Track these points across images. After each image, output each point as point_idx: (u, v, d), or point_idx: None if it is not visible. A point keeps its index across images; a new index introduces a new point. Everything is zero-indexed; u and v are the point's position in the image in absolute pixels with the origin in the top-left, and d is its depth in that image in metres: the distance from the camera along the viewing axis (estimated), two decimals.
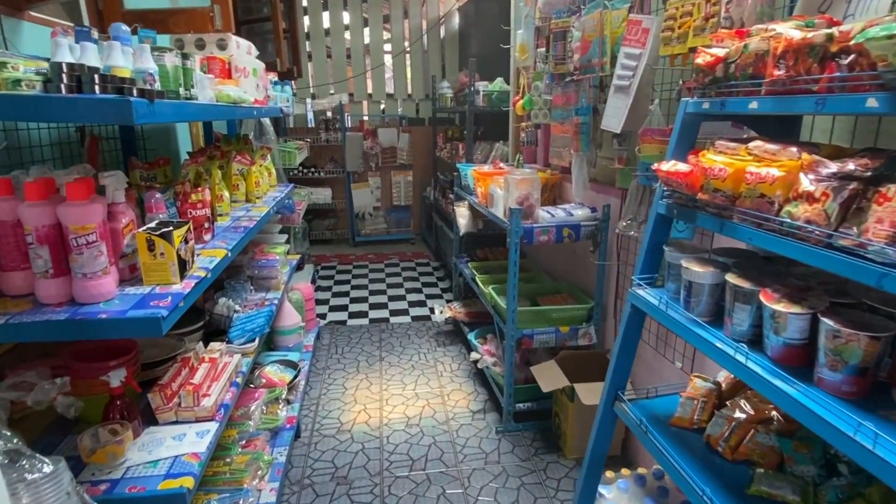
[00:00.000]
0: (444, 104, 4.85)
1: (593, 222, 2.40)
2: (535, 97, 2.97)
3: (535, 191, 2.40)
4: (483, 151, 3.99)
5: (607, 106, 2.05)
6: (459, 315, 3.60)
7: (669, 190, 1.32)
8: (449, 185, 4.99)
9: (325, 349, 3.57)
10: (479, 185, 3.02)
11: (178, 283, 1.40)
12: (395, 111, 6.64)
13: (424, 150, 6.51)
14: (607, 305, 2.54)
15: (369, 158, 6.24)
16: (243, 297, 2.56)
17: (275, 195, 2.88)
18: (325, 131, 6.05)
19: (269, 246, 3.15)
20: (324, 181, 6.26)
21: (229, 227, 2.06)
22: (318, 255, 5.90)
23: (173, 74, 1.45)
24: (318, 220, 6.35)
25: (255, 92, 2.42)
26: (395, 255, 5.96)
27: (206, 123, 3.22)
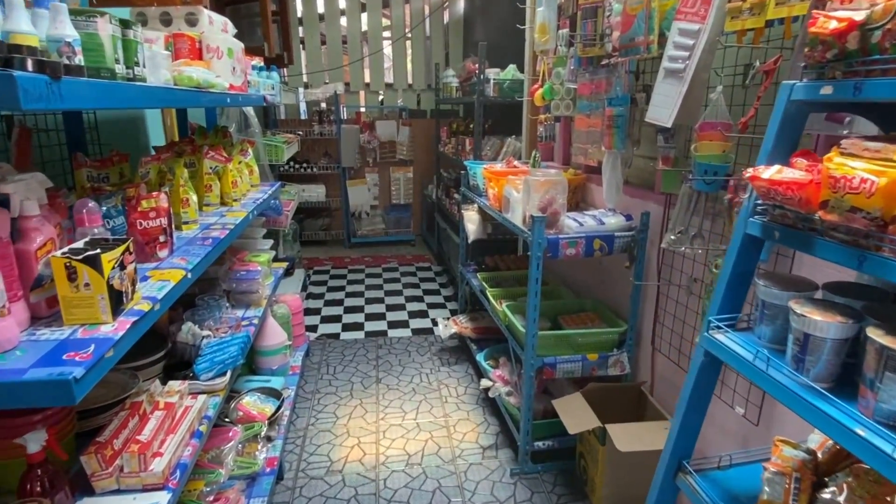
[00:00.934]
0: (449, 94, 4.53)
1: (629, 233, 2.09)
2: (555, 85, 2.66)
3: (560, 195, 2.09)
4: (493, 147, 3.67)
5: (654, 94, 1.73)
6: (465, 330, 3.29)
7: (769, 204, 1.00)
8: (453, 183, 4.67)
9: (315, 369, 3.26)
10: (491, 185, 2.70)
11: (110, 323, 1.09)
12: (394, 102, 6.32)
13: (426, 145, 6.19)
14: (643, 329, 2.23)
15: (366, 153, 5.92)
16: (217, 315, 2.25)
17: (256, 196, 2.56)
18: (318, 123, 5.73)
19: (251, 254, 2.84)
20: (317, 177, 5.94)
21: (195, 239, 1.74)
22: (311, 258, 5.58)
23: (110, 47, 1.13)
24: (310, 219, 6.04)
25: (231, 76, 2.10)
26: (394, 259, 5.64)
27: (180, 113, 2.89)
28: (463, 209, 3.14)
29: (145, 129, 2.85)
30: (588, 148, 2.51)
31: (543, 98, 2.69)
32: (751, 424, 1.60)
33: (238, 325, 2.20)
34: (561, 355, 2.20)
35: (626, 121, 2.05)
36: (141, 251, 1.47)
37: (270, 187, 2.91)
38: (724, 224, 1.62)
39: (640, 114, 2.12)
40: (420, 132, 6.13)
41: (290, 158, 5.54)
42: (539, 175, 2.12)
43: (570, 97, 2.62)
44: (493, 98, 3.47)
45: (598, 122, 2.33)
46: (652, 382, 2.19)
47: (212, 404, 1.70)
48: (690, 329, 1.90)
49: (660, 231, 2.04)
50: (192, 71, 1.56)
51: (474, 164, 3.08)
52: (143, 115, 2.82)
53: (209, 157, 2.21)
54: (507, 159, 3.03)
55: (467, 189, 3.22)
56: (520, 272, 3.13)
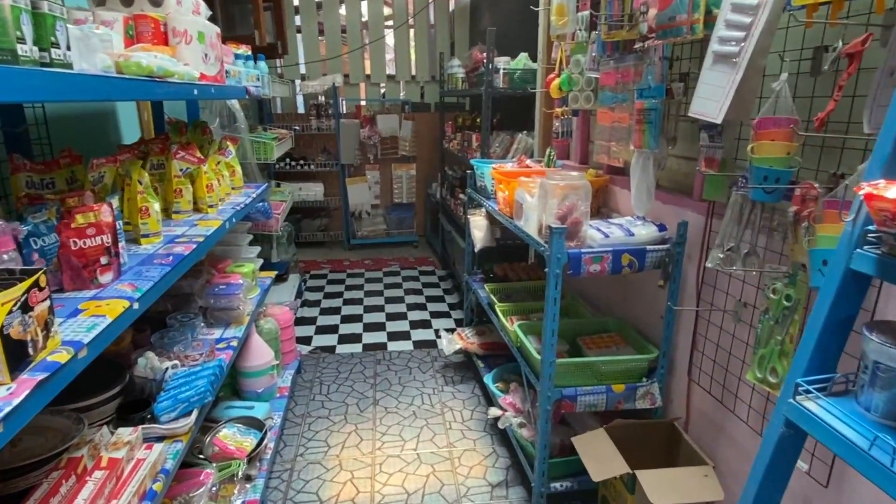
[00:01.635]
0: (455, 86, 4.26)
1: (663, 246, 1.83)
2: (574, 75, 2.39)
3: (582, 201, 1.83)
4: (502, 144, 3.41)
5: (700, 83, 1.46)
6: (471, 346, 3.04)
7: (887, 232, 0.74)
8: (459, 182, 4.41)
9: (307, 387, 3.02)
10: (500, 188, 2.44)
11: (7, 384, 0.85)
12: (396, 95, 6.06)
13: (430, 141, 5.93)
14: (677, 356, 1.97)
15: (367, 149, 5.67)
16: (190, 338, 2.01)
17: (237, 201, 2.32)
18: (316, 118, 5.49)
19: (234, 264, 2.60)
20: (314, 175, 5.70)
21: (154, 256, 1.50)
22: (307, 261, 5.34)
23: (10, 21, 0.89)
24: (307, 219, 5.80)
25: (202, 64, 1.85)
26: (396, 261, 5.40)
27: (156, 106, 2.65)
28: (469, 214, 2.89)
29: (116, 126, 2.61)
30: (612, 146, 2.24)
31: (560, 89, 2.42)
32: (818, 485, 1.34)
33: (212, 350, 1.95)
34: (582, 386, 1.94)
35: (660, 115, 1.78)
36: (76, 277, 1.22)
37: (256, 189, 2.67)
38: (787, 241, 1.36)
39: (677, 107, 1.86)
40: (424, 127, 5.87)
41: (286, 155, 5.31)
42: (557, 178, 1.86)
43: (590, 88, 2.36)
44: (502, 90, 3.21)
45: (624, 117, 2.07)
46: (687, 418, 1.93)
47: (171, 453, 1.46)
48: (738, 362, 1.64)
49: (700, 245, 1.78)
50: (142, 57, 1.31)
51: (482, 164, 2.82)
52: (112, 109, 2.58)
53: (179, 157, 1.96)
54: (518, 158, 2.77)
55: (474, 191, 2.97)
56: (531, 283, 2.88)
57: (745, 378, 1.61)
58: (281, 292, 3.98)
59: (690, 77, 1.85)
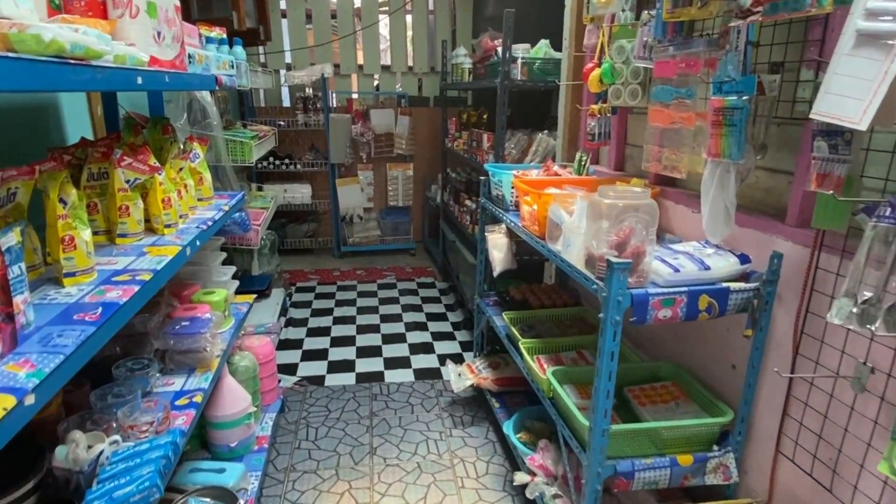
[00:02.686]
0: (460, 78, 3.88)
1: (750, 286, 1.46)
2: (617, 64, 2.02)
3: (646, 225, 1.46)
4: (518, 145, 3.04)
5: (832, 75, 1.10)
6: (485, 382, 2.68)
7: None
8: (464, 187, 4.04)
9: (292, 432, 2.64)
10: (527, 201, 2.07)
11: None
12: (391, 88, 5.67)
13: (429, 138, 5.55)
14: (759, 421, 1.61)
15: (359, 147, 5.28)
16: (139, 398, 1.62)
17: (205, 217, 1.92)
18: (303, 112, 5.08)
19: (202, 291, 2.21)
20: (301, 176, 5.30)
21: (74, 308, 1.11)
22: (293, 271, 4.95)
23: None
24: (293, 224, 5.40)
25: (153, 45, 1.46)
26: (391, 272, 5.01)
27: (107, 99, 2.25)
28: (487, 232, 2.51)
29: (60, 123, 2.21)
30: (664, 152, 1.87)
31: (601, 82, 2.05)
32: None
33: (167, 415, 1.56)
34: (640, 457, 1.58)
35: (748, 116, 1.42)
36: None
37: (230, 199, 2.27)
38: None
39: (770, 106, 1.49)
40: (422, 123, 5.49)
41: (269, 154, 4.91)
42: (612, 194, 1.49)
43: (637, 80, 1.99)
44: (520, 82, 2.83)
45: (688, 117, 1.70)
46: (770, 499, 1.57)
47: None
48: (860, 444, 1.28)
49: (803, 286, 1.41)
50: (48, 30, 0.92)
51: (500, 170, 2.44)
52: (55, 102, 2.17)
53: (125, 165, 1.57)
54: (546, 163, 2.39)
55: (489, 201, 2.59)
56: (557, 311, 2.51)
57: (872, 467, 1.25)
58: (262, 311, 3.59)
59: (784, 67, 1.49)
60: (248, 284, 3.84)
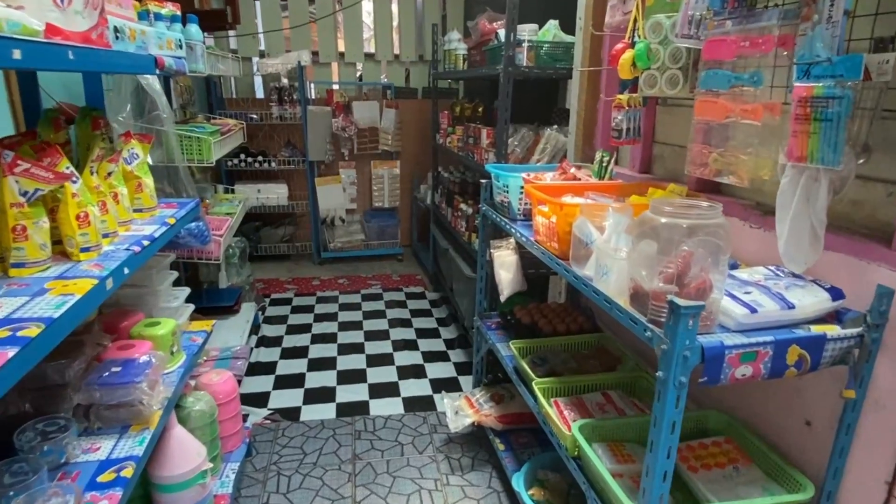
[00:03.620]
0: (453, 65, 3.53)
1: (852, 332, 1.14)
2: (654, 44, 1.69)
3: (715, 253, 1.13)
4: (523, 142, 2.70)
5: None
6: (487, 419, 2.34)
7: None
8: (458, 188, 3.69)
9: (259, 483, 2.29)
10: (542, 212, 1.74)
11: None
12: (376, 78, 5.30)
13: (418, 133, 5.21)
14: (852, 500, 1.29)
15: (340, 143, 4.91)
16: (45, 469, 1.26)
17: (141, 236, 1.55)
18: (277, 104, 4.71)
19: (145, 322, 1.84)
20: (277, 174, 4.93)
21: None
22: (268, 281, 4.57)
23: None
24: (268, 228, 5.02)
25: (53, 9, 1.10)
26: (377, 280, 4.66)
27: (25, 83, 1.86)
28: (492, 248, 2.16)
29: None
30: (715, 153, 1.55)
31: (634, 66, 1.72)
32: None
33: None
34: None
35: (849, 109, 1.09)
36: None
37: (181, 208, 1.90)
38: None
39: (877, 96, 1.17)
40: (410, 116, 5.14)
41: (241, 150, 4.54)
42: (668, 209, 1.16)
43: (677, 65, 1.66)
44: (526, 69, 2.49)
45: (753, 109, 1.37)
46: None
47: None
48: None
49: None
50: None
51: (505, 172, 2.10)
52: None
53: (20, 172, 1.21)
54: (561, 165, 2.06)
55: (492, 209, 2.25)
56: (573, 339, 2.18)
57: None
58: (229, 331, 3.22)
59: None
60: (214, 299, 3.48)
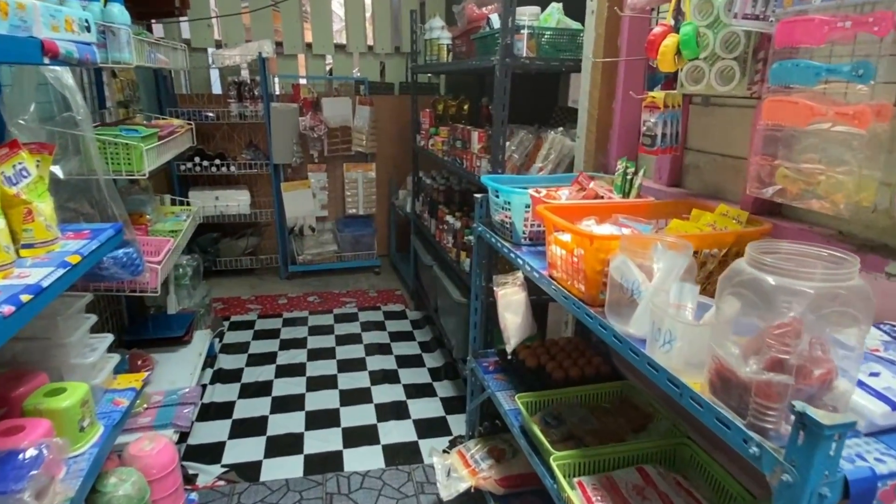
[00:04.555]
0: (437, 57, 3.16)
1: None
2: (703, 28, 1.35)
3: (846, 321, 0.79)
4: (521, 146, 2.34)
5: None
6: (485, 482, 1.99)
7: None
8: (443, 197, 3.33)
9: None
10: (561, 242, 1.38)
11: None
12: (348, 72, 4.90)
13: (395, 133, 4.83)
14: None
15: (309, 144, 4.51)
16: None
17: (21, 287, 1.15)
18: (237, 101, 4.28)
19: (45, 390, 1.44)
20: (238, 179, 4.50)
21: None
22: (228, 301, 4.15)
23: None
24: (229, 239, 4.58)
25: None
26: (352, 297, 4.27)
27: None
28: (497, 285, 1.79)
29: None
30: (781, 167, 1.21)
31: (679, 55, 1.37)
32: None
33: None
34: None
35: None
36: None
37: (93, 239, 1.50)
38: None
39: None
40: (386, 114, 4.76)
41: (196, 153, 4.12)
42: (780, 266, 0.81)
43: (732, 54, 1.32)
44: (527, 61, 2.13)
45: (857, 112, 1.04)
46: None
47: None
48: None
49: None
50: None
51: (506, 186, 1.74)
52: None
53: None
54: (577, 179, 1.70)
55: (488, 229, 1.89)
56: (592, 389, 1.83)
57: None
58: (177, 367, 2.80)
59: None
60: (160, 329, 3.05)
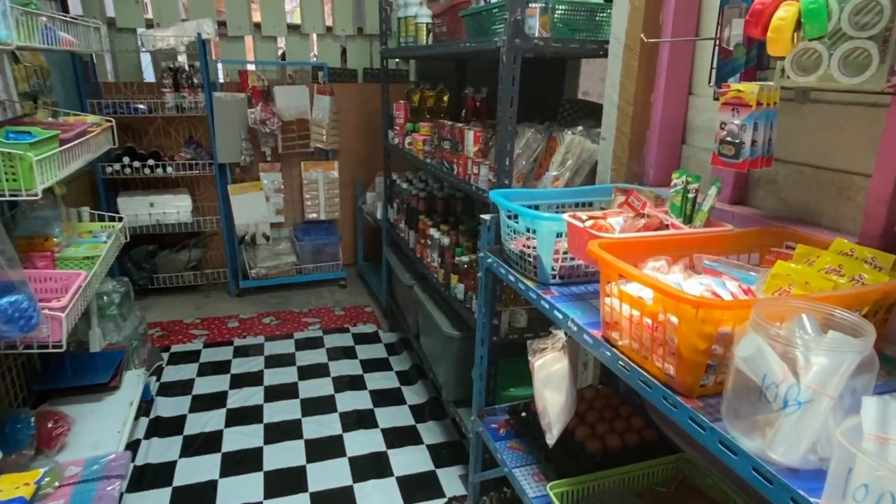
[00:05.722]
0: (414, 39, 2.72)
1: None
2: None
3: None
4: (528, 149, 1.93)
5: None
6: None
7: None
8: (426, 205, 2.90)
9: None
10: (629, 297, 0.99)
11: None
12: (304, 56, 4.40)
13: (360, 126, 4.39)
14: None
15: (260, 139, 4.01)
16: None
17: None
18: (173, 90, 3.74)
19: None
20: (177, 182, 3.97)
21: None
22: (168, 326, 3.63)
23: None
24: (168, 252, 4.04)
25: None
26: (315, 317, 3.82)
27: None
28: (532, 354, 1.38)
29: None
30: None
31: (798, 33, 0.99)
32: None
33: None
34: None
35: None
36: None
37: None
38: None
39: None
40: (349, 105, 4.31)
41: (125, 152, 3.60)
42: None
43: (867, 32, 0.96)
44: (541, 42, 1.72)
45: None
46: None
47: None
48: None
49: None
50: None
51: (529, 210, 1.35)
52: None
53: None
54: (627, 200, 1.32)
55: (499, 259, 1.49)
56: (640, 469, 1.46)
57: None
58: (101, 423, 2.33)
59: None
60: (80, 374, 2.55)
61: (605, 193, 1.65)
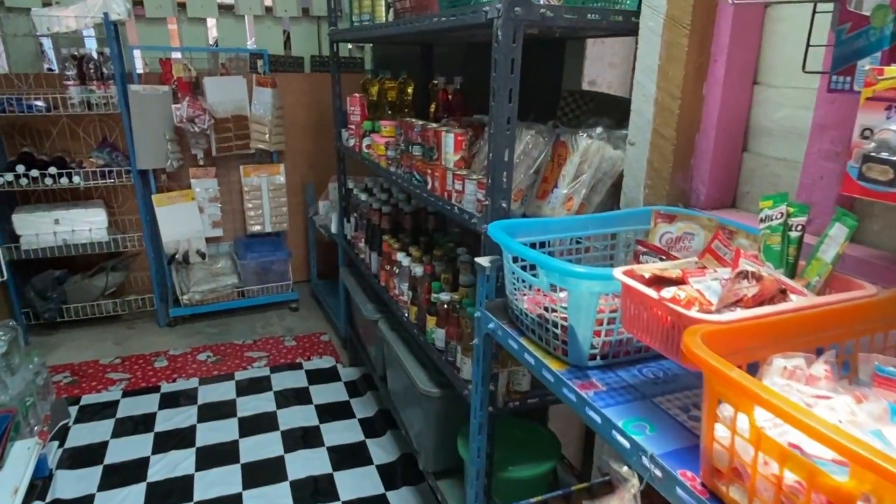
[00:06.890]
0: (370, 16, 2.25)
1: None
2: None
3: None
4: (528, 157, 1.50)
5: None
6: None
7: None
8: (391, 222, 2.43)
9: None
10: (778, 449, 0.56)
11: None
12: (240, 42, 3.86)
13: (309, 122, 3.90)
14: None
15: (190, 140, 3.46)
16: None
17: None
18: (78, 83, 3.17)
19: None
20: (89, 193, 3.41)
21: None
22: (78, 369, 3.07)
23: None
24: (78, 277, 3.47)
25: None
26: (261, 350, 3.31)
27: None
28: None
29: None
30: None
31: None
32: None
33: None
34: None
35: None
36: None
37: None
38: None
39: None
40: (295, 99, 3.81)
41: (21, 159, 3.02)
42: None
43: None
44: (549, 13, 1.28)
45: None
46: None
47: None
48: None
49: None
50: None
51: (554, 261, 0.92)
52: None
53: None
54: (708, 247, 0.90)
55: (500, 322, 1.06)
56: None
57: None
58: None
59: None
60: None
61: (641, 220, 1.24)
